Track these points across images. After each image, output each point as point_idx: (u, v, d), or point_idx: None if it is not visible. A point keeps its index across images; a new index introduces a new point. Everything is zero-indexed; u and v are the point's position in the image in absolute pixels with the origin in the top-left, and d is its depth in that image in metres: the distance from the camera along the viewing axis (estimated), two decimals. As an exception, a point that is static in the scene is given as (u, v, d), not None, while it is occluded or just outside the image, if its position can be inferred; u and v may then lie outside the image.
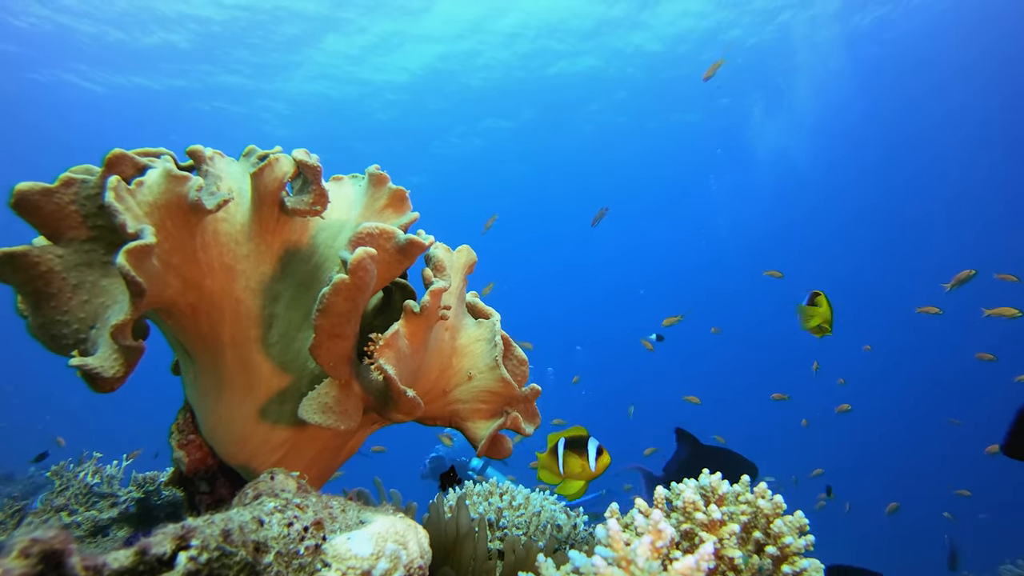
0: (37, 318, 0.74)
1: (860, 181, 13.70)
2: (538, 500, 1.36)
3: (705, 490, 0.76)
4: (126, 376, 0.66)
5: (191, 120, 10.39)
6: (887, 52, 9.33)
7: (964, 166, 12.49)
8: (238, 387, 0.82)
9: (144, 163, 0.75)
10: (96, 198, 0.74)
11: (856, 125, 11.52)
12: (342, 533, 0.60)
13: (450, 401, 0.92)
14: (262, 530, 0.55)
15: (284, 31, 8.30)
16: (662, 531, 0.51)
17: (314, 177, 0.80)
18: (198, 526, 0.48)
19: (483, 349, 0.92)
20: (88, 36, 8.04)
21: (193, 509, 0.86)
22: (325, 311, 0.69)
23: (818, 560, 0.68)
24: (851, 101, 10.72)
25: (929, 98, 10.68)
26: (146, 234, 0.63)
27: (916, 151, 12.38)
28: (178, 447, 0.85)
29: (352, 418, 0.75)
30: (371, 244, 0.74)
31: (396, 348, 0.74)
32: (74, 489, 1.54)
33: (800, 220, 15.64)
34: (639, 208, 15.75)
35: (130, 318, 0.64)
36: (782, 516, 0.71)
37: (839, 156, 12.67)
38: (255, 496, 0.67)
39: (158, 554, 0.45)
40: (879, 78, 10.13)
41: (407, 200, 0.92)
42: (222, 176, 0.81)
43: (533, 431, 0.94)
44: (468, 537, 0.94)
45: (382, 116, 11.27)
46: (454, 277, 0.89)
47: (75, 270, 0.75)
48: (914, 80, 10.17)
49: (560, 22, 8.84)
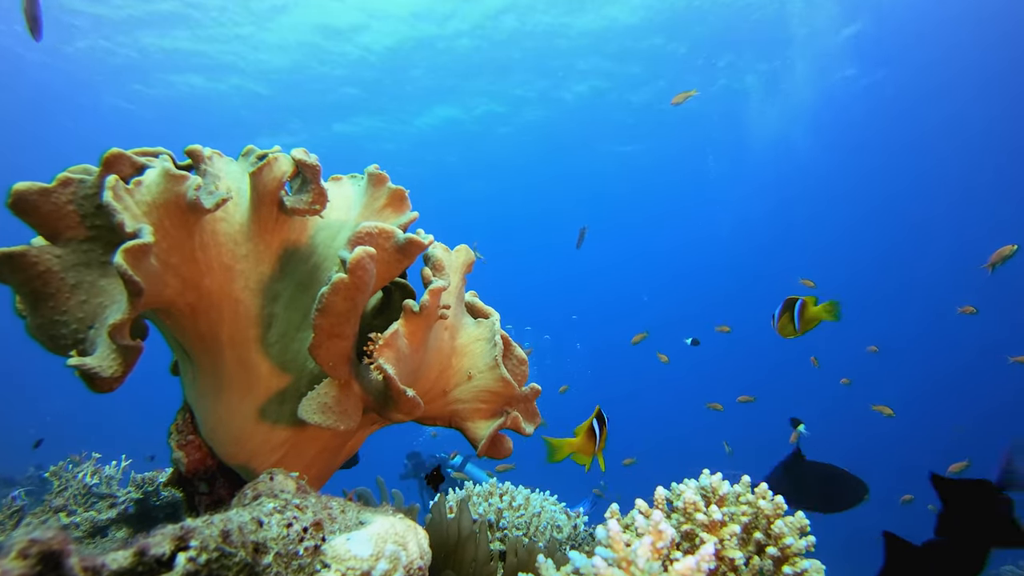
0: (36, 318, 0.74)
1: (861, 173, 13.56)
2: (538, 501, 1.36)
3: (706, 491, 0.75)
4: (124, 376, 0.66)
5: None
6: (888, 35, 9.16)
7: (973, 159, 12.19)
8: (237, 387, 0.81)
9: (142, 163, 0.74)
10: (94, 198, 0.74)
11: (857, 111, 11.29)
12: (341, 534, 0.60)
13: (450, 401, 0.91)
14: (261, 531, 0.55)
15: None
16: (663, 532, 0.51)
17: (313, 176, 0.80)
18: (197, 527, 0.48)
19: (483, 349, 0.92)
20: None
21: (192, 510, 0.86)
22: (324, 310, 0.68)
23: (819, 561, 0.67)
24: (852, 85, 10.51)
25: (932, 83, 10.35)
26: (144, 233, 0.63)
27: (919, 144, 12.14)
28: (177, 447, 0.85)
29: (352, 418, 0.75)
30: (370, 243, 0.74)
31: (396, 348, 0.74)
32: (73, 490, 1.54)
33: (802, 216, 15.52)
34: (640, 208, 15.74)
35: (128, 317, 0.64)
36: (783, 517, 0.71)
37: (840, 143, 12.44)
38: (254, 497, 0.67)
39: (157, 555, 0.45)
40: (881, 63, 9.93)
41: (406, 199, 0.92)
42: (220, 176, 0.81)
43: (533, 431, 0.94)
44: (470, 539, 0.94)
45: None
46: (453, 276, 0.89)
47: (73, 270, 0.74)
48: (918, 68, 9.93)
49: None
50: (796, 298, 1.78)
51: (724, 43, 9.36)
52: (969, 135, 11.57)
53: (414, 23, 8.75)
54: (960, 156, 12.24)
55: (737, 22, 8.82)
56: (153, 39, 8.31)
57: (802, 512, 0.70)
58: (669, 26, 8.96)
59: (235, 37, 8.52)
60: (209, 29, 8.26)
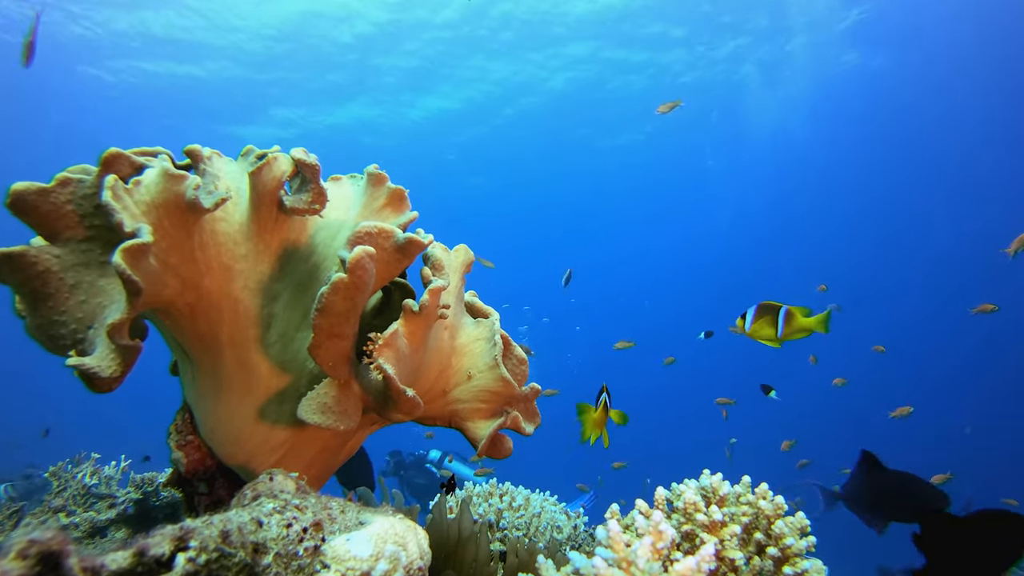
0: (35, 318, 0.74)
1: (862, 163, 13.42)
2: (538, 501, 1.36)
3: (706, 491, 0.75)
4: (123, 376, 0.66)
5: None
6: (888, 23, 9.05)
7: (974, 150, 11.92)
8: (237, 387, 0.81)
9: (141, 162, 0.74)
10: (93, 197, 0.74)
11: (857, 99, 11.14)
12: (341, 534, 0.60)
13: (450, 401, 0.91)
14: (261, 531, 0.55)
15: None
16: (663, 532, 0.51)
17: (312, 176, 0.80)
18: (196, 527, 0.48)
19: (482, 348, 0.92)
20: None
21: (192, 510, 0.86)
22: (324, 310, 0.68)
23: (820, 561, 0.67)
24: (853, 72, 10.35)
25: (934, 72, 10.10)
26: (143, 233, 0.63)
27: (920, 134, 11.91)
28: (176, 448, 0.85)
29: (351, 418, 0.75)
30: (370, 243, 0.73)
31: (395, 347, 0.74)
32: (72, 490, 1.53)
33: (801, 208, 15.39)
34: (637, 209, 15.71)
35: (127, 317, 0.64)
36: (783, 517, 0.71)
37: (840, 132, 12.27)
38: (254, 497, 0.67)
39: (156, 555, 0.45)
40: (882, 48, 9.74)
41: (406, 199, 0.91)
42: (220, 175, 0.81)
43: (533, 430, 0.94)
44: (470, 540, 0.94)
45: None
46: (452, 276, 0.89)
47: (72, 270, 0.74)
48: (920, 54, 9.72)
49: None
50: (777, 304, 1.75)
51: (722, 28, 9.26)
52: (972, 125, 11.38)
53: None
54: (962, 147, 12.07)
55: (736, 7, 8.75)
56: (124, 19, 8.14)
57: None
58: (668, 10, 8.90)
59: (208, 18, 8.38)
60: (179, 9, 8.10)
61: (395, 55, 9.64)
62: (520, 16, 8.95)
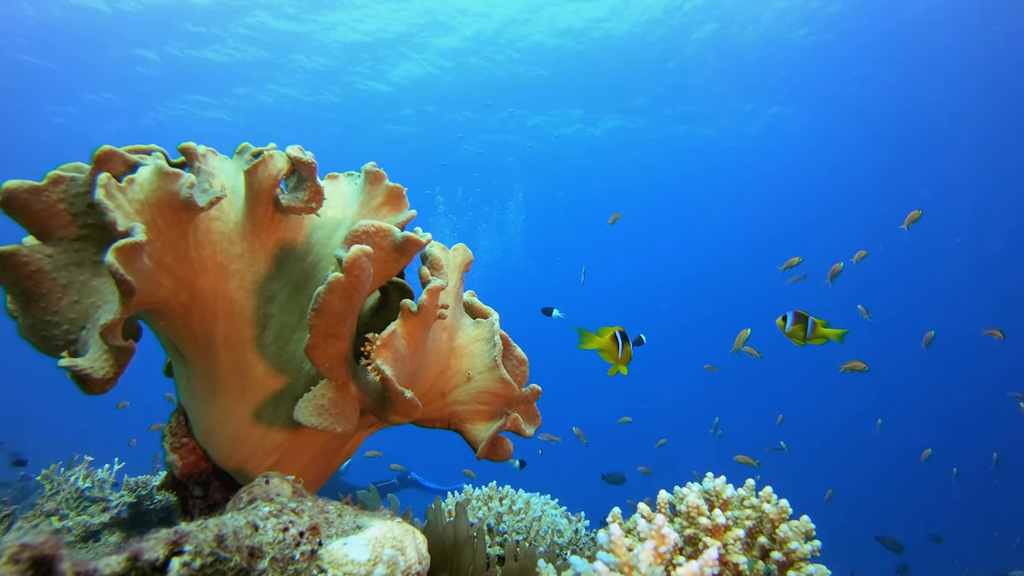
0: (27, 319, 0.72)
1: (863, 161, 13.37)
2: (538, 505, 1.35)
3: (709, 494, 0.74)
4: (116, 377, 0.65)
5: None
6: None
7: (984, 159, 11.91)
8: (232, 389, 0.80)
9: (135, 160, 0.73)
10: (86, 196, 0.73)
11: (858, 96, 11.04)
12: (338, 538, 0.59)
13: (449, 402, 0.90)
14: (257, 535, 0.53)
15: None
16: (665, 536, 0.50)
17: (309, 174, 0.79)
18: (191, 531, 0.47)
19: (482, 349, 0.91)
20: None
21: (186, 514, 0.85)
22: (320, 310, 0.67)
23: (824, 566, 0.66)
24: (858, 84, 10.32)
25: (939, 78, 9.89)
26: (136, 232, 0.61)
27: (931, 143, 11.82)
28: (171, 450, 0.84)
29: (349, 420, 0.74)
30: (367, 242, 0.72)
31: (393, 348, 0.73)
32: (65, 493, 1.52)
33: (803, 207, 15.30)
34: (639, 209, 15.64)
35: (120, 317, 0.62)
36: (787, 521, 0.70)
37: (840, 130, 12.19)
38: (250, 500, 0.66)
39: (151, 560, 0.44)
40: (884, 63, 9.74)
41: (404, 198, 0.90)
42: (215, 173, 0.79)
43: (534, 432, 0.93)
44: (467, 544, 0.93)
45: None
46: (451, 276, 0.88)
47: (65, 270, 0.73)
48: (922, 63, 9.59)
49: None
50: (807, 314, 2.05)
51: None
52: (985, 134, 11.27)
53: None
54: (971, 155, 11.96)
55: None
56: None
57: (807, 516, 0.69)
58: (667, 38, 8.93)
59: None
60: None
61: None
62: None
